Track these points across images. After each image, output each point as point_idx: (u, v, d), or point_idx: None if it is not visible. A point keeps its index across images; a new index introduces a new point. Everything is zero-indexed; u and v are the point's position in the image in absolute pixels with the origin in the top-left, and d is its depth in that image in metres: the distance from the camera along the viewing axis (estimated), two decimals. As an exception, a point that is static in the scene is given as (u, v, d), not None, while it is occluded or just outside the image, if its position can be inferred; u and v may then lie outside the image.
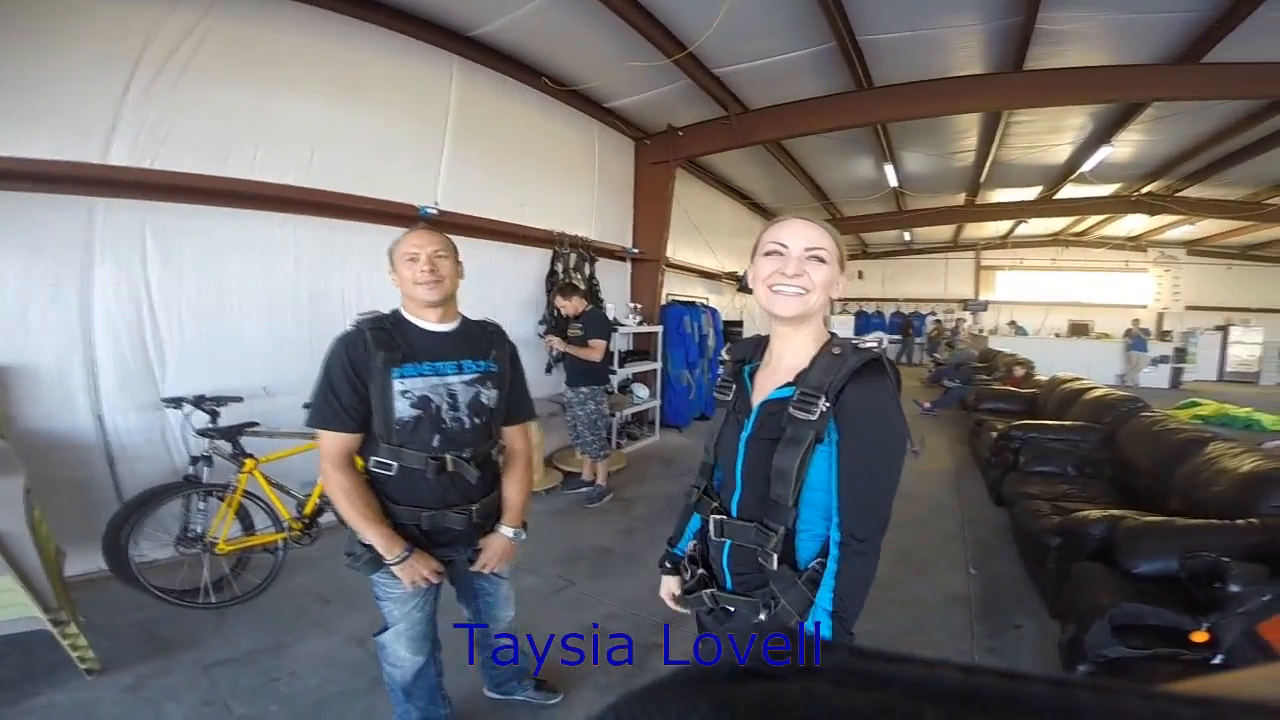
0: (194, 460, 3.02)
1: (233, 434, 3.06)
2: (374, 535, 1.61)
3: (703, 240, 8.82)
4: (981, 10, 4.46)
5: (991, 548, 3.96)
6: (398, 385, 1.61)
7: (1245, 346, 14.62)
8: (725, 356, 1.42)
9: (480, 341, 1.77)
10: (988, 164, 8.33)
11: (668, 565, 1.49)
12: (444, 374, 1.67)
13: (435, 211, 4.42)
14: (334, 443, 1.60)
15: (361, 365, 1.59)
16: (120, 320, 3.16)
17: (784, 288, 1.16)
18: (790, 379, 1.19)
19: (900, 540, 4.00)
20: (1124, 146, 7.47)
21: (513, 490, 1.86)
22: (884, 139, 7.35)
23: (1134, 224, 12.99)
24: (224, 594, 2.97)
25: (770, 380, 1.24)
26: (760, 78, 5.55)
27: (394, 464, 1.63)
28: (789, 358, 1.22)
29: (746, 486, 1.23)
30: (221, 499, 2.99)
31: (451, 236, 1.80)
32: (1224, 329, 14.74)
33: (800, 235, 1.17)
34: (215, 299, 3.48)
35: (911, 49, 5.03)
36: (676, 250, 7.76)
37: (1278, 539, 2.39)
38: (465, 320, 1.79)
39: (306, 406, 1.65)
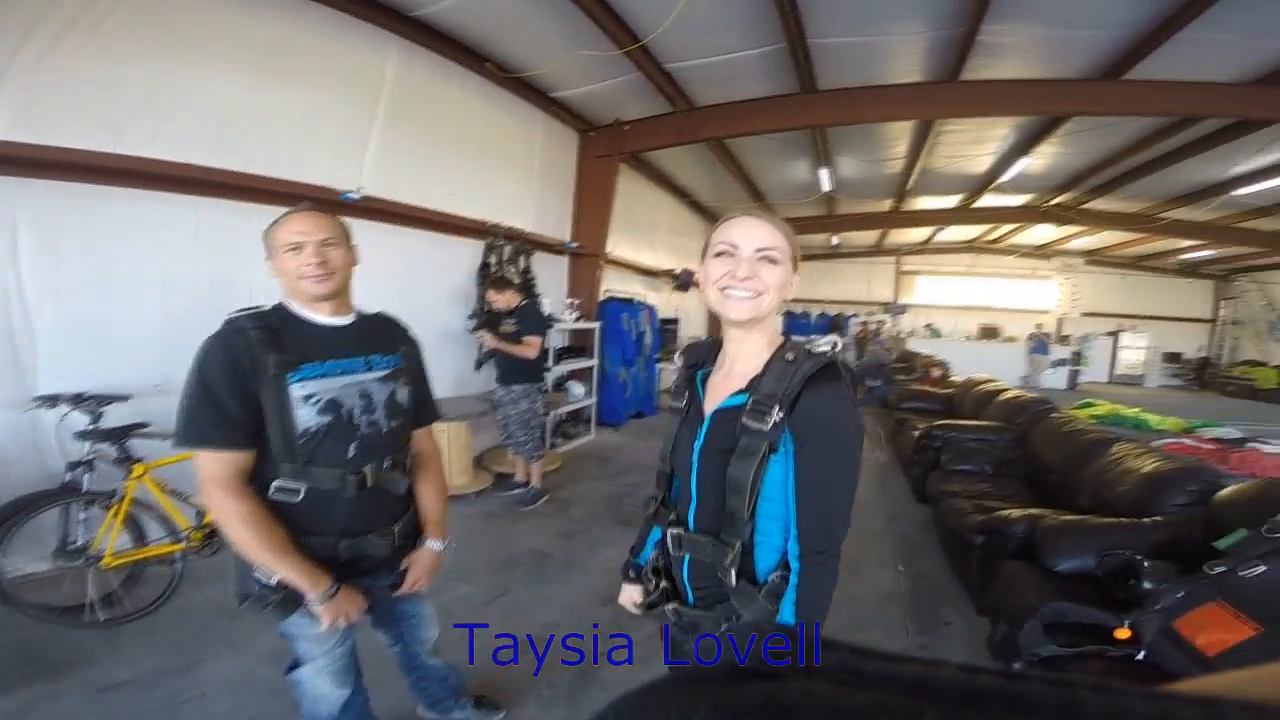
0: (72, 466, 2.67)
1: (118, 436, 2.73)
2: (292, 572, 1.35)
3: (642, 237, 8.77)
4: (929, 19, 4.58)
5: (916, 544, 4.09)
6: (298, 390, 1.36)
7: (1133, 351, 16.03)
8: (678, 361, 1.35)
9: (384, 336, 1.58)
10: (915, 171, 8.68)
11: (631, 574, 1.44)
12: (353, 371, 1.46)
13: (359, 197, 4.13)
14: (220, 464, 1.32)
15: (248, 370, 1.33)
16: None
17: (735, 291, 1.12)
18: (743, 385, 1.14)
19: (834, 538, 4.10)
20: (1040, 159, 7.93)
21: (431, 499, 1.67)
22: (822, 143, 7.51)
23: (1042, 233, 13.92)
24: (114, 610, 2.67)
25: (724, 386, 1.19)
26: (710, 75, 5.55)
27: (301, 487, 1.38)
28: (742, 362, 1.17)
29: (702, 498, 1.18)
30: (107, 508, 2.67)
31: (378, 224, 1.61)
32: (1115, 334, 16.08)
33: (751, 235, 1.12)
34: (102, 287, 3.09)
35: (856, 55, 5.14)
36: (616, 246, 7.66)
37: (1180, 536, 2.56)
38: (361, 314, 1.57)
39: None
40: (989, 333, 16.54)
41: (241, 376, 1.32)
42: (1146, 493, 3.00)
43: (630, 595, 1.43)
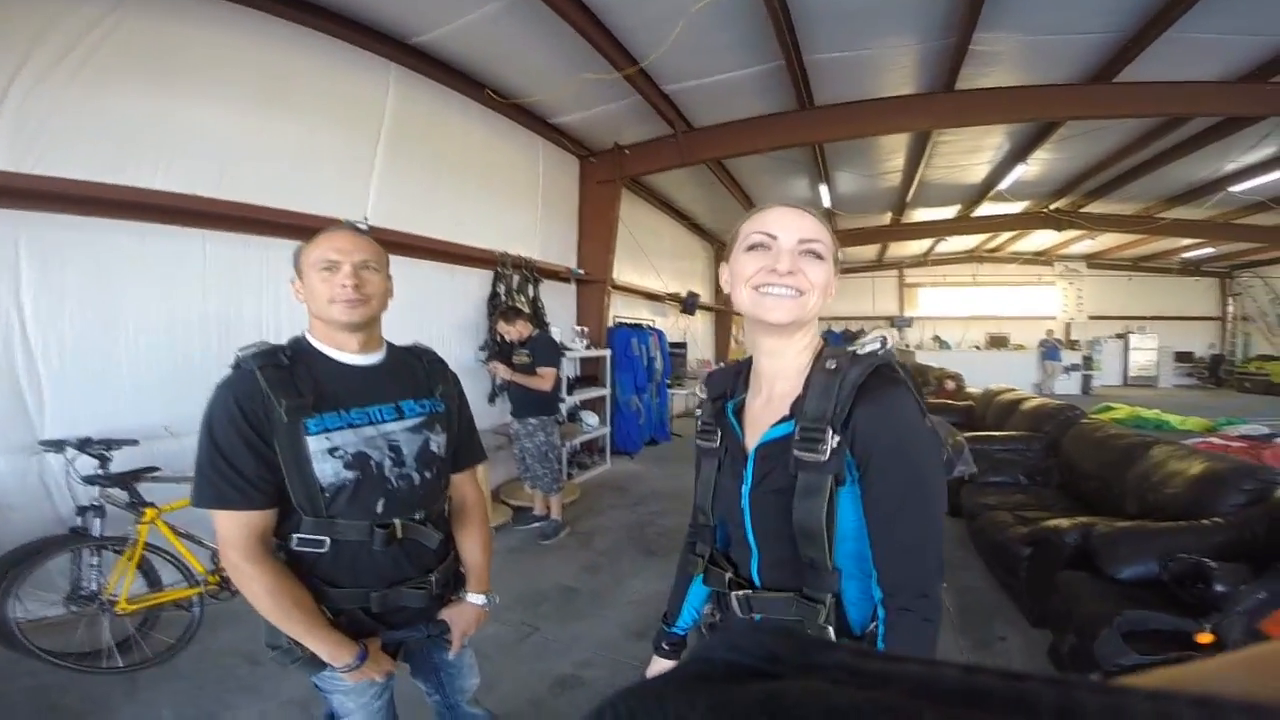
0: (81, 510, 2.59)
1: (127, 480, 2.65)
2: (316, 643, 1.25)
3: (647, 261, 8.76)
4: (920, 30, 4.59)
5: (955, 560, 3.92)
6: (318, 443, 1.23)
7: (1144, 352, 15.92)
8: (700, 394, 1.16)
9: (418, 375, 1.43)
10: (914, 184, 8.68)
11: (665, 647, 1.23)
12: (380, 420, 1.31)
13: (365, 228, 4.07)
14: (239, 526, 1.19)
15: (261, 419, 1.20)
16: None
17: (776, 289, 0.93)
18: (787, 411, 0.97)
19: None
20: (1036, 165, 7.94)
21: (473, 549, 1.53)
22: (820, 159, 7.52)
23: (1042, 239, 13.93)
24: (131, 656, 2.58)
25: (764, 414, 1.02)
26: (708, 95, 5.57)
27: (325, 539, 1.26)
28: (781, 382, 1.00)
29: (764, 549, 1.01)
30: (119, 552, 2.59)
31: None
32: (1124, 336, 15.99)
33: (792, 225, 0.95)
34: (106, 325, 3.01)
35: (850, 69, 5.15)
36: (621, 271, 7.63)
37: (1245, 537, 2.44)
38: (392, 348, 1.42)
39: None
40: (998, 341, 16.40)
41: (255, 427, 1.19)
42: (1199, 494, 2.88)
43: (660, 669, 1.21)
